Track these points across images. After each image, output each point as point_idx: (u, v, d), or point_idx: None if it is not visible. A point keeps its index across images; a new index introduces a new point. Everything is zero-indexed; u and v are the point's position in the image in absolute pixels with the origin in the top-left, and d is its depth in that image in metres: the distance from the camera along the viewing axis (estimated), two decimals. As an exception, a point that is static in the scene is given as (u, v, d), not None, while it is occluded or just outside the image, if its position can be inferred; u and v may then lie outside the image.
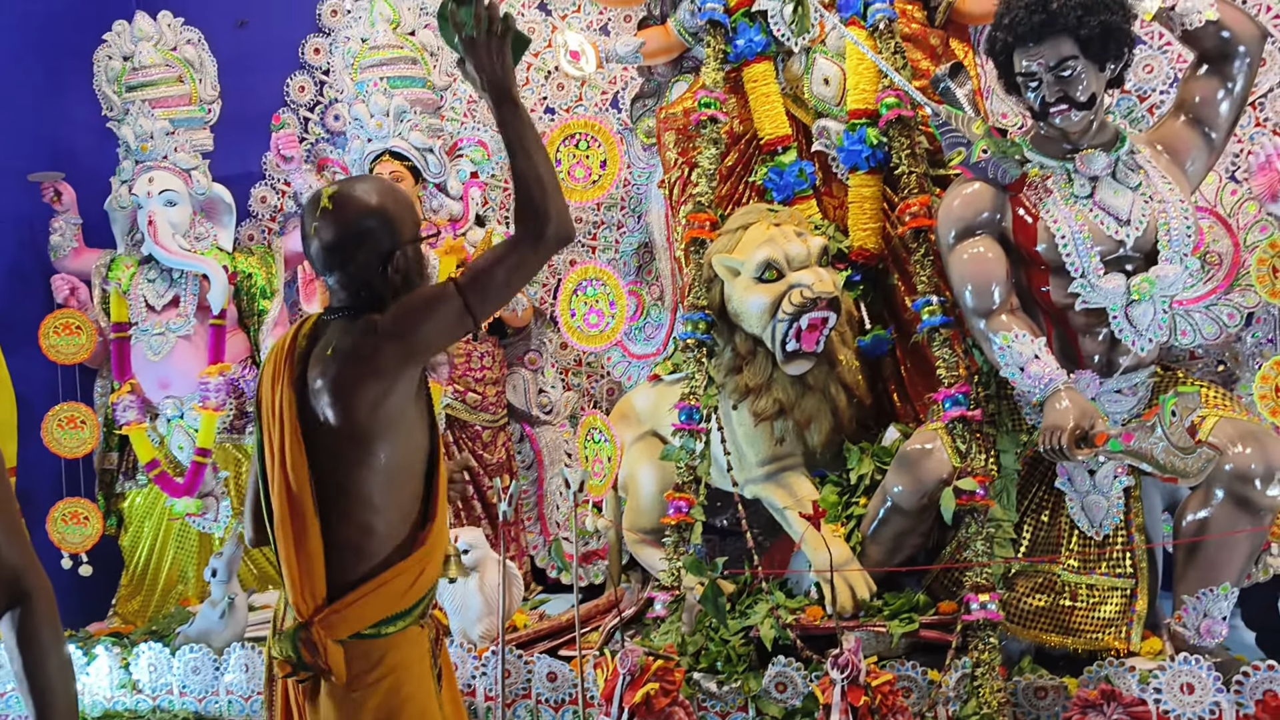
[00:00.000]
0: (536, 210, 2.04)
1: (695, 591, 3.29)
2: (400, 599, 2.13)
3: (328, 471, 2.08)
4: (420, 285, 2.18)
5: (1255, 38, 3.08)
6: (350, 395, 2.05)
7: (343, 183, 2.19)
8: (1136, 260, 3.02)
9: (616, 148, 3.87)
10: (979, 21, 3.82)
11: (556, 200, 2.05)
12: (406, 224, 2.16)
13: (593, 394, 4.67)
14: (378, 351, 2.06)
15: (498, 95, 2.07)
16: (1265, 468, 2.85)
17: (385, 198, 2.15)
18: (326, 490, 2.08)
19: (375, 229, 2.12)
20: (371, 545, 2.11)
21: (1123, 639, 3.05)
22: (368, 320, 2.10)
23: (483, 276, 2.08)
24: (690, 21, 4.05)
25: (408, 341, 2.07)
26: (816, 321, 3.29)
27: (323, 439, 2.09)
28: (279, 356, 2.15)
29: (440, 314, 2.08)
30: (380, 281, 2.13)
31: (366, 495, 2.09)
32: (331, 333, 2.12)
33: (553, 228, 2.05)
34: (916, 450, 3.17)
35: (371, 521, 2.10)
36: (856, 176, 3.64)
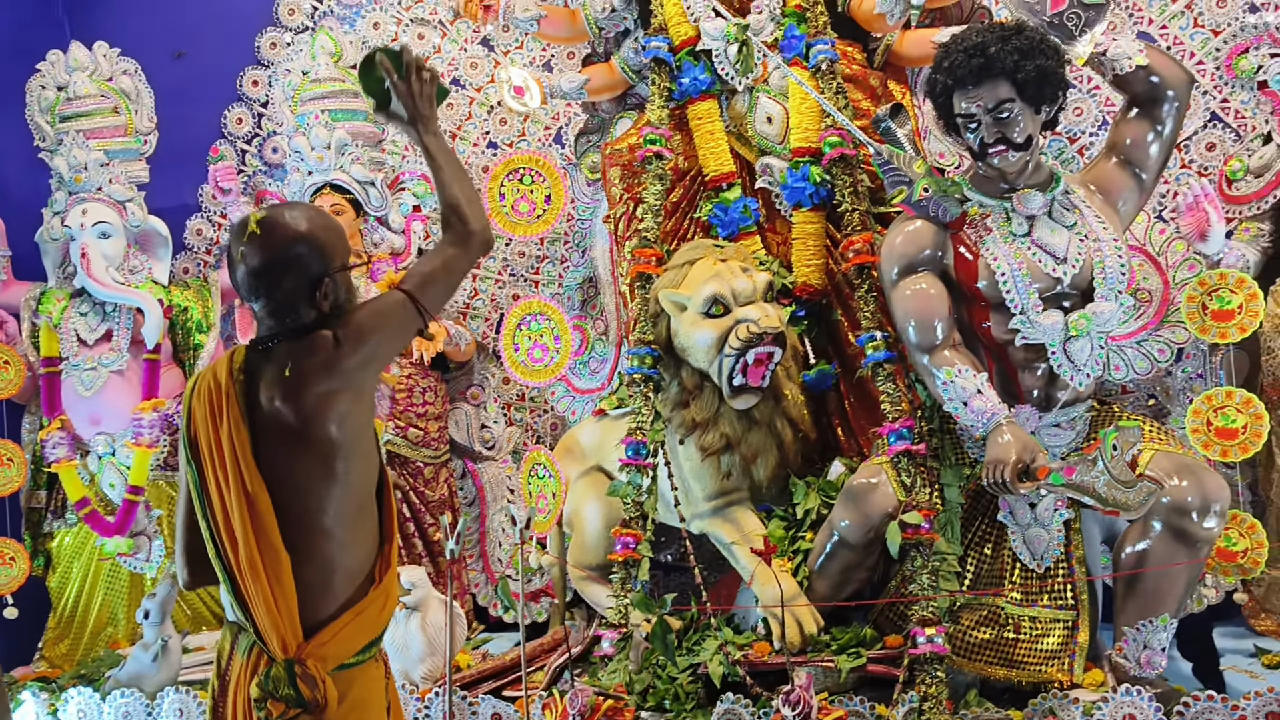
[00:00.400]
0: (463, 215, 2.23)
1: (642, 629, 3.28)
2: (376, 625, 2.15)
3: (287, 509, 2.07)
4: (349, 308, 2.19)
5: (1183, 83, 3.19)
6: (321, 409, 2.06)
7: (271, 208, 2.20)
8: (1073, 297, 3.09)
9: (561, 182, 3.88)
10: (915, 64, 3.92)
11: (476, 214, 2.25)
12: (336, 251, 2.17)
13: (536, 429, 4.65)
14: (341, 359, 2.08)
15: (424, 127, 2.27)
16: (1201, 500, 2.92)
17: (314, 224, 2.16)
18: (288, 530, 2.07)
19: (303, 255, 2.12)
20: (336, 586, 2.10)
21: (1065, 671, 3.08)
22: (321, 336, 2.11)
23: (427, 278, 2.19)
24: (634, 59, 4.10)
25: (370, 349, 2.12)
26: (763, 356, 3.31)
27: (280, 472, 2.07)
28: (216, 393, 2.11)
29: (394, 318, 2.15)
30: (308, 309, 2.13)
31: (329, 527, 2.08)
32: (280, 358, 2.11)
33: (477, 234, 2.24)
34: (862, 484, 3.20)
35: (336, 557, 2.10)
36: (800, 213, 3.69)
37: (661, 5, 3.87)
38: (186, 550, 2.23)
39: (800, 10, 3.77)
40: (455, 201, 2.24)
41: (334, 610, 2.09)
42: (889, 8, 3.63)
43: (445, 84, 2.34)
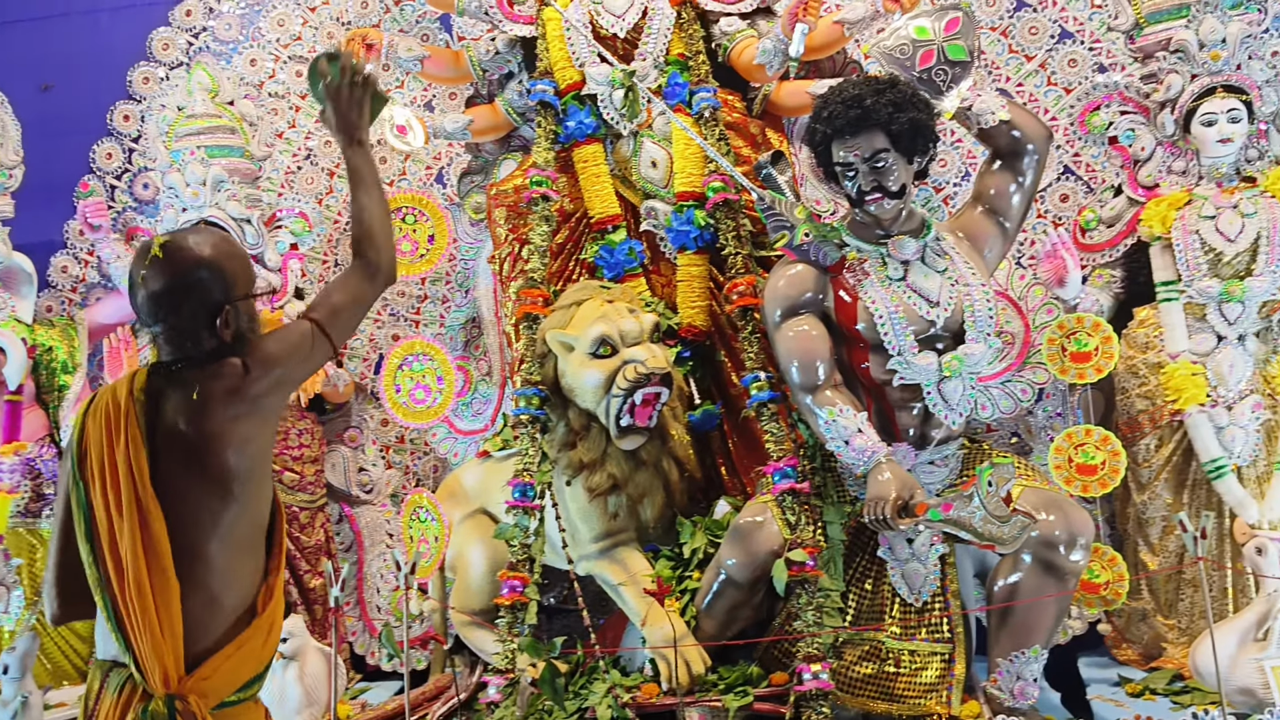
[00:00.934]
0: (376, 245, 2.22)
1: (528, 673, 3.24)
2: (258, 659, 2.09)
3: (178, 535, 2.01)
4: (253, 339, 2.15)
5: (1042, 137, 3.37)
6: (225, 434, 2.02)
7: (176, 233, 2.17)
8: (946, 339, 3.21)
9: (444, 222, 3.88)
10: (792, 113, 4.05)
11: (387, 245, 2.23)
12: (240, 279, 2.14)
13: (416, 472, 4.58)
14: (249, 385, 2.05)
15: (349, 137, 2.26)
16: (1068, 534, 3.04)
17: (218, 250, 2.13)
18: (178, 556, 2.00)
19: (206, 280, 2.09)
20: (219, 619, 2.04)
21: (943, 703, 3.16)
22: (229, 363, 2.08)
23: (335, 307, 2.18)
24: (519, 102, 4.12)
25: (276, 374, 2.09)
26: (650, 397, 3.34)
27: (176, 497, 2.01)
28: (114, 412, 2.05)
29: (303, 347, 2.13)
30: (208, 335, 2.09)
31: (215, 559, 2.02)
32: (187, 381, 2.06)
33: (385, 261, 2.23)
34: (749, 523, 3.24)
35: (218, 592, 2.04)
36: (685, 256, 3.75)
37: (547, 50, 3.92)
38: (58, 580, 2.12)
39: (683, 59, 3.86)
40: (370, 228, 2.23)
41: (215, 642, 2.02)
42: (768, 59, 3.76)
43: (384, 94, 2.33)
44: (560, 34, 3.89)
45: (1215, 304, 3.69)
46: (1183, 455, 3.75)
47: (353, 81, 2.24)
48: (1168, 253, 3.75)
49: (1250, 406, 3.62)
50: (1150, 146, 3.87)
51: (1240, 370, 3.66)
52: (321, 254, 4.65)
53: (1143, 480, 3.81)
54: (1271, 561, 3.26)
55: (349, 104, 2.24)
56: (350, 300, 2.21)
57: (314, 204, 4.49)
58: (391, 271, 2.25)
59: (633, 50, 3.88)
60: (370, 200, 2.24)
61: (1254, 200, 3.67)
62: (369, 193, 2.24)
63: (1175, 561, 3.74)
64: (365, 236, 2.23)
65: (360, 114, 2.26)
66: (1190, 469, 3.74)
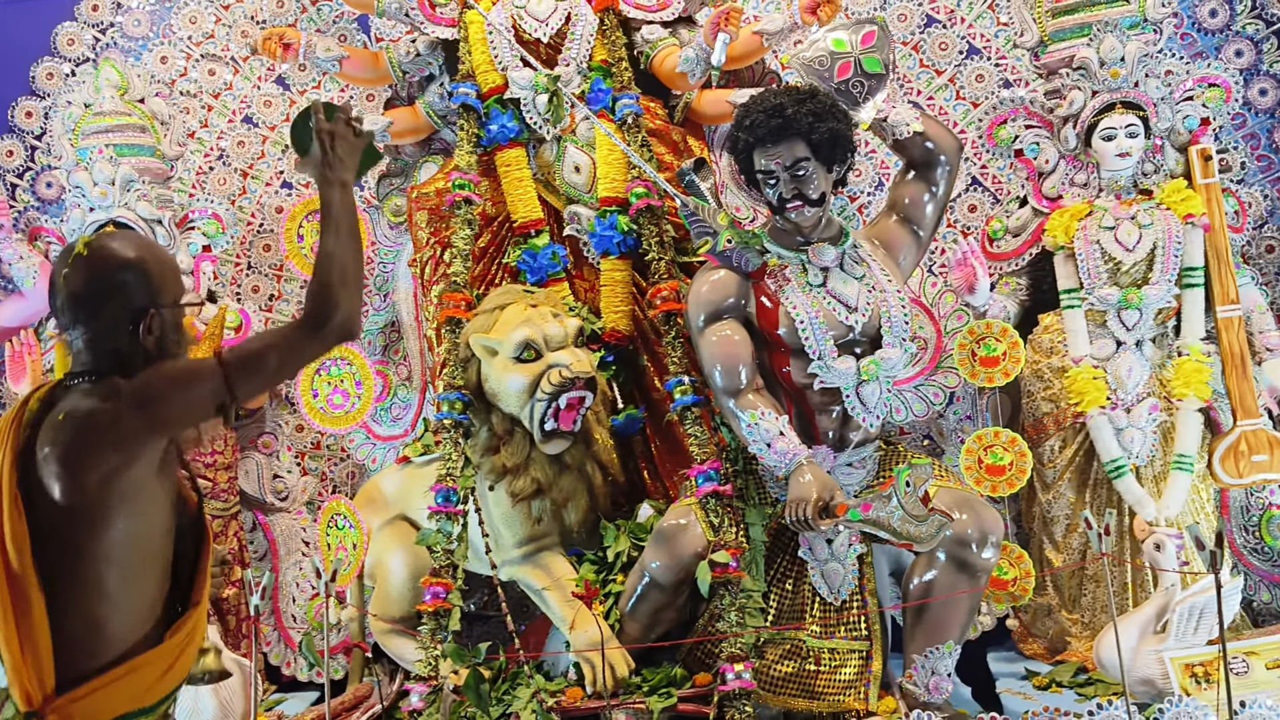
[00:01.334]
0: (330, 296, 1.97)
1: (451, 680, 3.21)
2: (145, 694, 1.96)
3: (53, 554, 1.89)
4: (178, 355, 2.04)
5: (954, 149, 3.47)
6: (80, 465, 1.87)
7: (102, 233, 2.07)
8: (864, 344, 3.29)
9: (363, 225, 3.80)
10: (713, 121, 4.10)
11: (353, 294, 2.00)
12: (166, 285, 2.02)
13: (332, 479, 4.50)
14: (118, 419, 1.89)
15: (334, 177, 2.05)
16: (981, 533, 3.13)
17: (145, 253, 2.03)
18: (53, 576, 1.89)
19: (129, 283, 1.98)
20: (101, 642, 1.92)
21: (861, 700, 3.23)
22: (111, 384, 1.94)
23: (251, 357, 1.99)
24: (440, 104, 4.10)
25: (153, 413, 1.92)
26: (574, 401, 3.34)
27: (49, 517, 1.89)
28: (4, 422, 1.95)
29: (195, 388, 1.95)
30: (129, 343, 1.97)
31: (97, 582, 1.91)
32: (69, 397, 1.94)
33: (339, 319, 1.97)
34: (672, 526, 3.26)
35: (103, 614, 1.92)
36: (608, 261, 3.77)
37: (469, 53, 3.91)
38: None
39: (606, 65, 3.89)
40: (331, 279, 1.97)
41: (97, 666, 1.91)
42: (690, 68, 3.81)
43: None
44: (483, 37, 3.88)
45: (1114, 311, 3.81)
46: (1085, 456, 3.86)
47: (351, 125, 2.08)
48: (1070, 262, 3.87)
49: (1147, 409, 3.75)
50: (1054, 159, 3.99)
51: (1138, 374, 3.79)
52: (234, 256, 4.55)
53: (1048, 480, 3.93)
54: (1169, 557, 3.40)
55: (344, 145, 2.06)
56: (270, 351, 1.98)
57: (227, 205, 4.37)
58: (346, 328, 1.99)
59: (556, 55, 3.89)
60: (342, 248, 1.99)
61: (1150, 212, 3.81)
62: (342, 241, 2.01)
63: (1078, 558, 3.87)
64: (324, 287, 1.96)
65: (352, 155, 2.09)
66: (1092, 469, 3.85)
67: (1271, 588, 3.97)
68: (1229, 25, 4.35)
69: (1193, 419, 3.73)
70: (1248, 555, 3.99)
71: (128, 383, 1.94)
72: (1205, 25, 4.36)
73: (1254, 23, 4.34)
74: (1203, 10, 4.36)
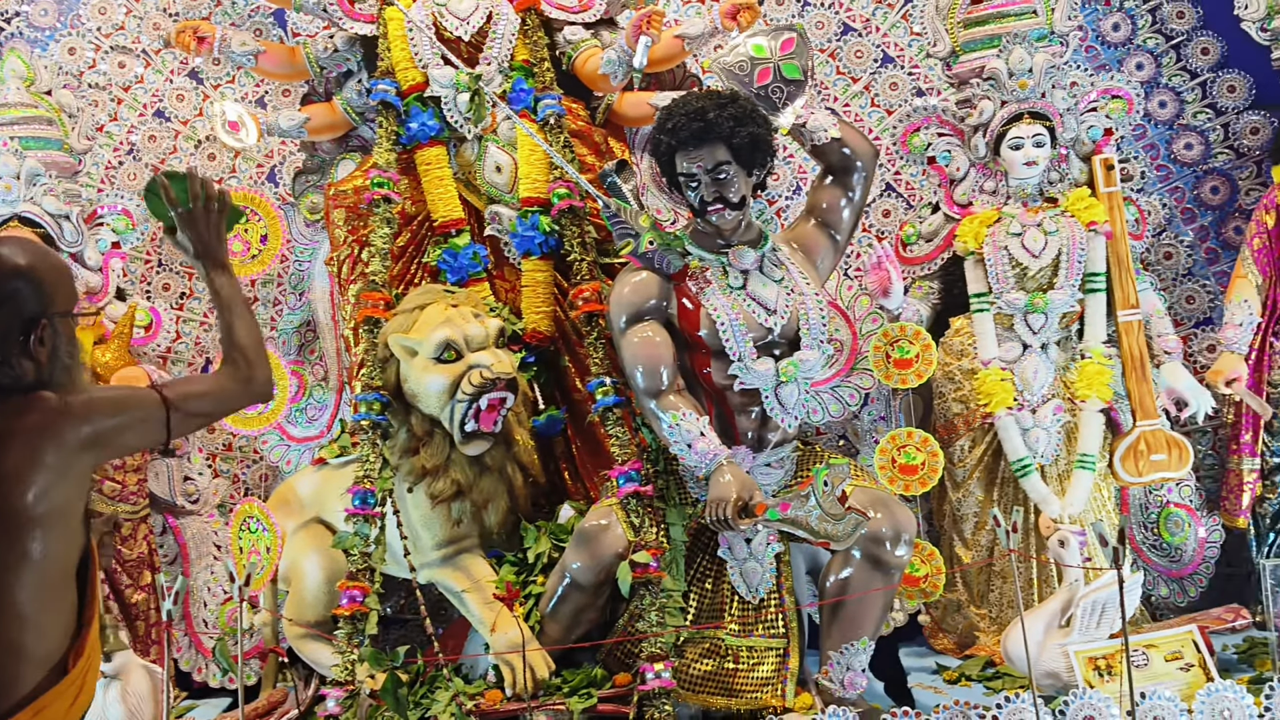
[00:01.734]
0: (250, 363, 2.07)
1: (368, 685, 3.18)
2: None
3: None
4: (70, 365, 1.96)
5: (870, 155, 3.54)
6: (19, 477, 1.81)
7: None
8: (782, 346, 3.33)
9: (278, 222, 3.77)
10: (634, 124, 4.12)
11: (263, 363, 2.09)
12: (59, 293, 1.95)
13: (245, 481, 4.42)
14: (60, 435, 1.84)
15: (212, 262, 2.10)
16: (895, 531, 3.19)
17: (37, 259, 1.94)
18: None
19: (19, 290, 1.89)
20: (23, 671, 1.84)
21: (779, 696, 3.27)
22: (41, 399, 1.87)
23: (193, 399, 2.02)
24: (358, 101, 4.05)
25: (98, 434, 1.89)
26: (495, 402, 3.33)
27: None
28: None
29: (140, 418, 1.95)
30: (19, 353, 1.88)
31: (16, 606, 1.82)
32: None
33: (257, 384, 2.09)
34: (593, 527, 3.27)
35: (22, 641, 1.84)
36: (529, 261, 3.76)
37: (388, 49, 3.86)
38: None
39: (528, 65, 3.88)
40: (243, 345, 2.07)
41: (16, 702, 1.82)
42: (612, 70, 3.81)
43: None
44: (403, 34, 3.84)
45: (1021, 315, 3.92)
46: (993, 455, 3.96)
47: (207, 205, 2.09)
48: (980, 267, 3.96)
49: (1052, 409, 3.86)
50: (964, 167, 4.09)
51: (1043, 376, 3.90)
52: (144, 253, 4.44)
53: (958, 479, 4.02)
54: (1073, 553, 3.50)
55: (207, 229, 2.08)
56: (211, 393, 2.05)
57: (137, 201, 4.26)
58: (265, 389, 2.10)
59: (477, 54, 3.86)
60: (241, 324, 2.07)
61: (1056, 219, 3.93)
62: (239, 317, 2.08)
63: (986, 555, 3.97)
64: (239, 350, 2.06)
65: (219, 237, 2.10)
66: (1000, 468, 3.95)
67: (1169, 583, 4.13)
68: (1131, 39, 4.52)
69: (1095, 419, 3.85)
70: (1147, 551, 4.13)
71: (67, 400, 1.88)
72: (1108, 39, 4.52)
73: (1154, 37, 4.51)
74: (1106, 24, 4.52)
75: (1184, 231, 4.51)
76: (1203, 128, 4.49)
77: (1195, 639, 3.28)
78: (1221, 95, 4.49)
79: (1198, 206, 4.52)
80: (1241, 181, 4.49)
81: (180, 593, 2.81)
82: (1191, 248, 4.49)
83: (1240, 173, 4.49)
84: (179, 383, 2.07)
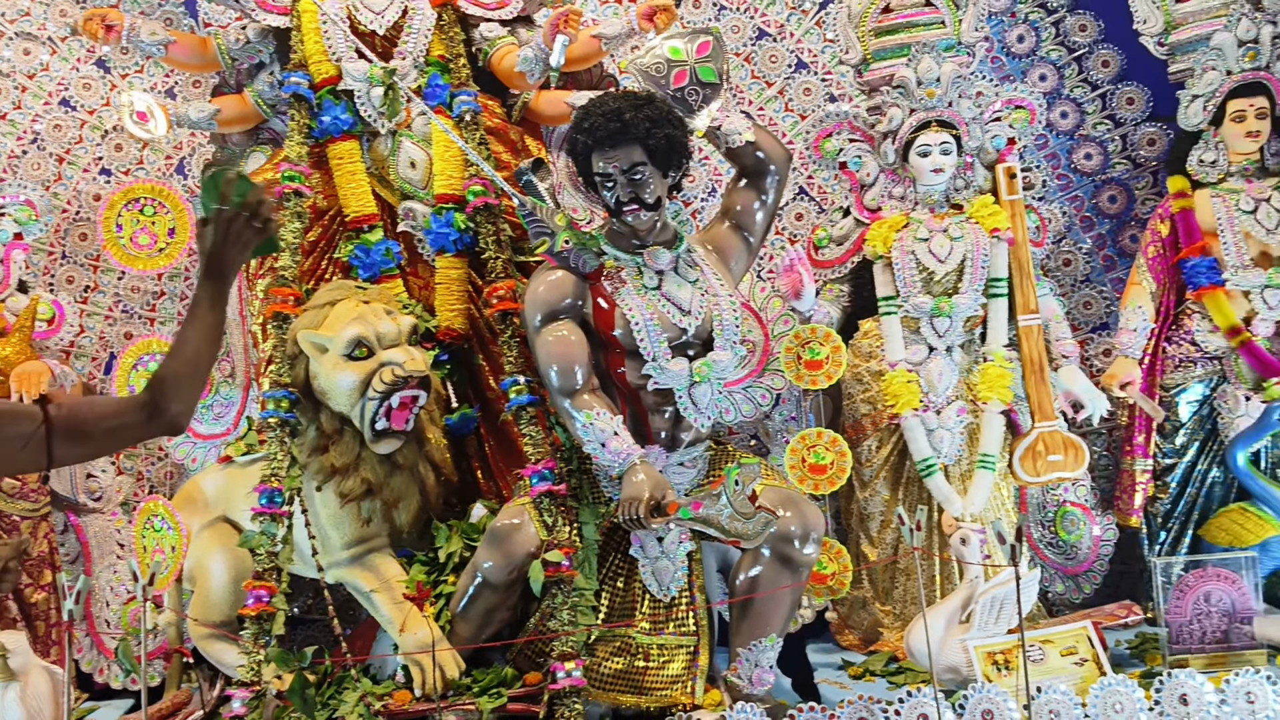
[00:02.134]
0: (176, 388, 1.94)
1: (274, 685, 3.14)
2: None
3: None
4: None
5: (783, 159, 3.58)
6: None
7: None
8: (696, 346, 3.37)
9: (186, 215, 3.69)
10: (551, 122, 4.11)
11: (197, 392, 1.98)
12: None
13: (149, 478, 4.31)
14: None
15: (213, 272, 2.01)
16: (803, 529, 3.25)
17: None
18: None
19: None
20: None
21: (688, 694, 3.31)
22: None
23: (80, 425, 1.91)
24: (269, 93, 3.98)
25: None
26: (407, 400, 3.30)
27: None
28: None
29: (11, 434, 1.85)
30: None
31: None
32: None
33: (175, 412, 1.96)
34: (506, 526, 3.27)
35: None
36: (444, 259, 3.73)
37: (301, 42, 3.80)
38: None
39: (443, 60, 3.85)
40: (178, 371, 1.95)
41: None
42: (529, 68, 3.80)
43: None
44: (316, 26, 3.78)
45: (927, 318, 3.99)
46: (899, 455, 4.02)
47: (253, 217, 2.02)
48: (888, 270, 4.02)
49: (956, 411, 3.94)
50: (874, 173, 4.14)
51: (948, 378, 3.98)
52: (48, 244, 4.29)
53: (865, 478, 4.09)
54: (973, 551, 3.59)
55: (238, 238, 2.01)
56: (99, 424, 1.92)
57: (41, 191, 4.13)
58: (178, 423, 1.97)
59: (392, 48, 3.83)
60: (198, 339, 1.97)
61: (961, 225, 4.01)
62: (202, 333, 1.99)
63: (892, 553, 4.04)
64: (168, 377, 1.95)
65: (243, 253, 2.03)
66: (905, 468, 4.01)
67: (1065, 580, 4.25)
68: (1035, 51, 4.65)
69: (996, 421, 3.93)
70: (1044, 549, 4.25)
71: None
72: (1013, 50, 4.64)
73: (1057, 49, 4.65)
74: (1011, 36, 4.64)
75: (1082, 239, 4.65)
76: (1102, 138, 4.64)
77: (1089, 634, 3.38)
78: (1120, 107, 4.64)
79: (1096, 215, 4.66)
80: (1138, 191, 4.65)
81: (82, 592, 2.73)
82: (1089, 255, 4.64)
83: (1137, 182, 4.65)
84: (76, 404, 1.95)
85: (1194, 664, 3.35)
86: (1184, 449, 4.17)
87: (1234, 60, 4.07)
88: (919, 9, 4.12)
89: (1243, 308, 4.07)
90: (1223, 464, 4.08)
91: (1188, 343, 4.16)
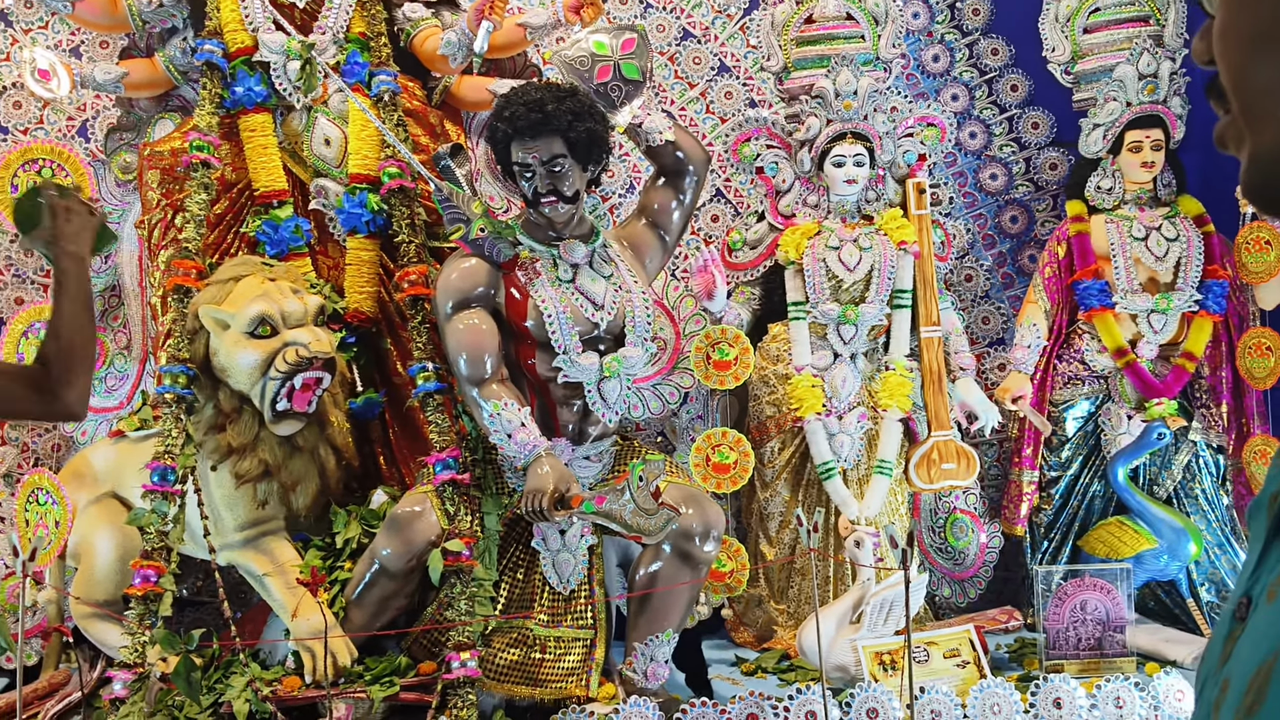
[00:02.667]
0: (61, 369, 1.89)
1: (159, 668, 3.06)
2: None
3: None
4: None
5: (702, 160, 3.61)
6: None
7: None
8: (607, 341, 3.38)
9: (87, 179, 3.56)
10: (472, 108, 4.08)
11: (84, 377, 1.92)
12: None
13: (35, 450, 4.15)
14: None
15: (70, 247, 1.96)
16: (704, 526, 3.29)
17: None
18: None
19: None
20: None
21: (583, 686, 3.32)
22: None
23: None
24: (181, 60, 3.86)
25: None
26: (310, 381, 3.24)
27: None
28: None
29: None
30: None
31: None
32: None
33: (70, 400, 1.91)
34: (407, 513, 3.23)
35: None
36: (355, 240, 3.67)
37: (217, 8, 3.69)
38: None
39: (364, 38, 3.78)
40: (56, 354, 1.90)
41: None
42: (452, 52, 3.76)
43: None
44: (234, -7, 3.69)
45: (834, 325, 4.09)
46: (800, 457, 4.10)
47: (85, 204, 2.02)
48: (799, 276, 4.10)
49: (857, 417, 4.04)
50: (790, 179, 4.22)
51: (851, 385, 4.08)
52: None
53: (766, 479, 4.16)
54: (867, 553, 3.68)
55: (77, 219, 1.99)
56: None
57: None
58: (74, 410, 1.93)
59: (311, 22, 3.75)
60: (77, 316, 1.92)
61: (870, 236, 4.11)
62: (77, 311, 1.94)
63: (789, 553, 4.12)
64: (52, 358, 1.89)
65: (85, 231, 1.99)
66: (806, 470, 4.09)
67: (952, 584, 4.38)
68: (949, 71, 4.78)
69: (894, 428, 4.04)
70: (934, 554, 4.38)
71: None
72: (928, 69, 4.77)
73: (970, 70, 4.79)
74: (927, 55, 4.76)
75: (984, 256, 4.80)
76: (1007, 160, 4.79)
77: (971, 638, 3.50)
78: (1026, 131, 4.80)
79: (998, 234, 4.82)
80: (1038, 213, 4.81)
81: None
82: (990, 272, 4.79)
83: (1038, 204, 4.81)
84: None
85: (1069, 669, 3.48)
86: (1069, 463, 4.34)
87: (1134, 92, 4.23)
88: (840, 22, 4.20)
89: (1130, 330, 4.24)
90: (1104, 479, 4.24)
91: (1077, 361, 4.31)
